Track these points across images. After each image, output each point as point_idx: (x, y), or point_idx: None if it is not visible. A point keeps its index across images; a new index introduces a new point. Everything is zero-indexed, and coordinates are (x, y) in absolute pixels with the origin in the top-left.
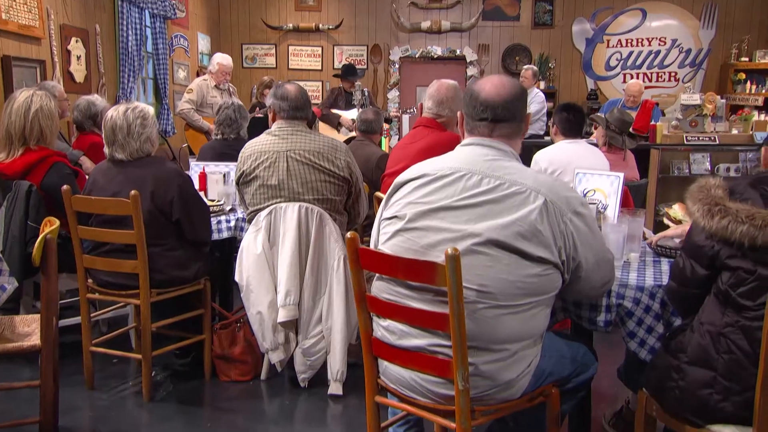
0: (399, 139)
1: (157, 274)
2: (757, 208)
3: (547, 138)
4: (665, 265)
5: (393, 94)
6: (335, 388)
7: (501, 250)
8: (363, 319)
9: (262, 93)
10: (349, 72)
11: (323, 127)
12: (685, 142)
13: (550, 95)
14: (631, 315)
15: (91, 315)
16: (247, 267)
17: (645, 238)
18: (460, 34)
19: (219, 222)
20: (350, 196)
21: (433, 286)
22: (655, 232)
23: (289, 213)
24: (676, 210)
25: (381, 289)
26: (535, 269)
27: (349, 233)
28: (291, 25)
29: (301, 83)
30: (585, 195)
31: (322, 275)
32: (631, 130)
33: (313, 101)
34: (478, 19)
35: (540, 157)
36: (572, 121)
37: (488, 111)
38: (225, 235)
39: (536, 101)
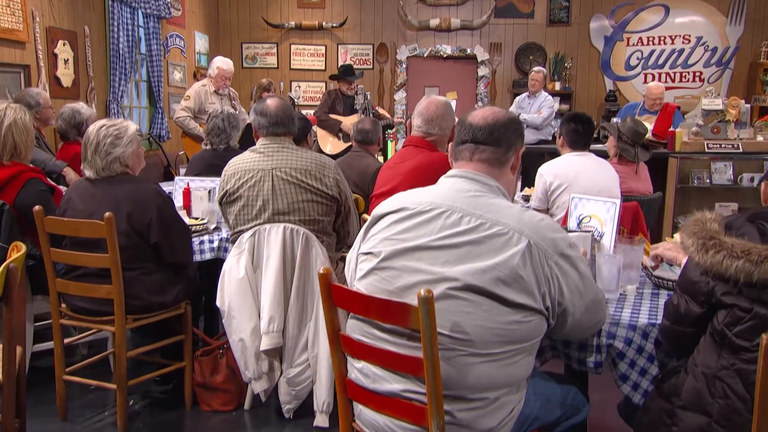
0: None
1: (134, 300)
2: (753, 243)
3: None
4: (664, 297)
5: (400, 96)
6: (321, 419)
7: (479, 295)
8: (337, 359)
9: (260, 96)
10: (347, 72)
11: (322, 134)
12: (706, 149)
13: (565, 96)
14: (622, 356)
15: (66, 341)
16: (229, 291)
17: (645, 267)
18: (471, 32)
19: (201, 242)
20: (339, 215)
21: (407, 329)
22: None
23: (273, 235)
24: (676, 240)
25: (354, 329)
26: (516, 316)
27: (321, 268)
28: (293, 23)
29: (304, 84)
30: (580, 221)
31: (308, 300)
32: (650, 134)
33: (316, 104)
34: (490, 17)
35: (545, 170)
36: (580, 132)
37: (470, 133)
38: (208, 256)
39: (546, 105)
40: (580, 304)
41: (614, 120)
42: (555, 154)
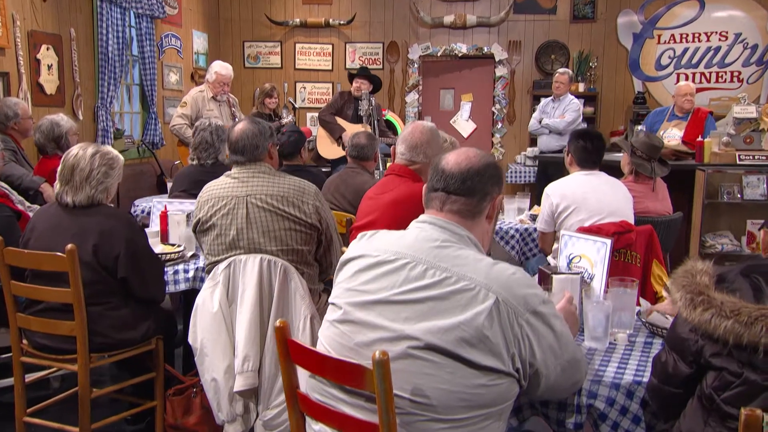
0: None
1: (98, 337)
2: (744, 302)
3: None
4: (657, 347)
5: (412, 98)
6: None
7: (442, 356)
8: (294, 418)
9: (263, 102)
10: (361, 71)
11: (322, 134)
12: (738, 161)
13: (590, 99)
14: (604, 418)
15: (29, 379)
16: (201, 327)
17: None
18: (488, 29)
19: (176, 272)
20: (320, 245)
21: (365, 391)
22: None
23: (249, 266)
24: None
25: (313, 388)
26: (482, 379)
27: (278, 321)
28: (298, 20)
29: (309, 85)
30: (570, 261)
31: None
32: (680, 142)
33: (320, 106)
34: (509, 13)
35: (551, 190)
36: (589, 150)
37: (442, 181)
38: (182, 287)
39: (571, 109)
40: (554, 365)
41: (639, 127)
42: None
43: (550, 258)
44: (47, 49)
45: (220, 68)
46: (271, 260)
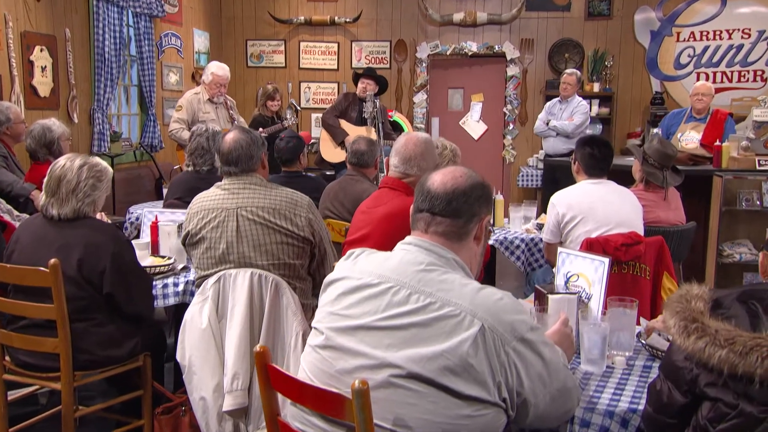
0: None
1: (83, 354)
2: (740, 331)
3: None
4: (657, 371)
5: (420, 98)
6: None
7: (425, 385)
8: None
9: (265, 104)
10: (367, 71)
11: (325, 137)
12: (758, 167)
13: (605, 99)
14: None
15: (12, 396)
16: (190, 344)
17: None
18: (500, 27)
19: (165, 285)
20: (313, 258)
21: (345, 421)
22: (718, 276)
23: (240, 281)
24: None
25: (294, 416)
26: (467, 410)
27: (257, 346)
28: (302, 18)
29: (314, 85)
30: (568, 280)
31: (277, 354)
32: (698, 146)
33: (326, 107)
34: (521, 10)
35: (557, 200)
36: (597, 157)
37: (427, 201)
38: (171, 301)
39: (580, 111)
40: (543, 394)
41: (654, 131)
42: None
43: (556, 271)
44: (41, 50)
45: (217, 69)
46: (262, 275)
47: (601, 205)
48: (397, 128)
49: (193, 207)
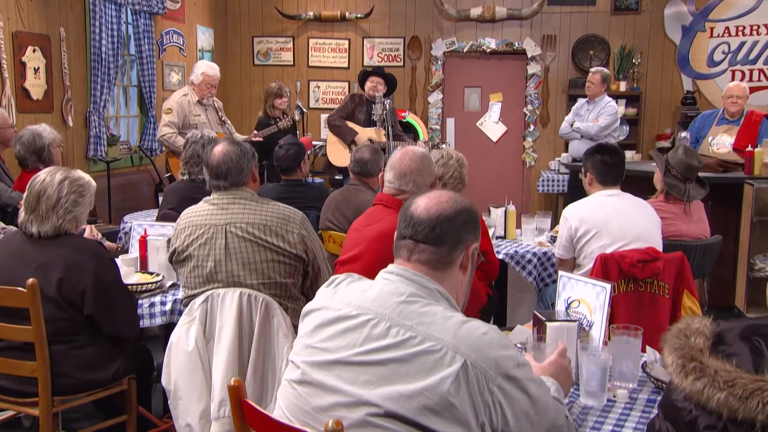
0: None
1: (63, 378)
2: (741, 372)
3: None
4: None
5: (435, 98)
6: None
7: (403, 425)
8: None
9: (273, 105)
10: (375, 69)
11: (332, 140)
12: None
13: (633, 99)
14: None
15: None
16: (176, 367)
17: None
18: (520, 22)
19: (152, 304)
20: (307, 277)
21: None
22: (749, 291)
23: (228, 301)
24: None
25: None
26: None
27: (232, 379)
28: (311, 13)
29: (323, 84)
30: (569, 305)
31: (267, 379)
32: (731, 150)
33: (337, 106)
34: (543, 4)
35: (569, 213)
36: (609, 164)
37: (410, 227)
38: (158, 321)
39: (606, 113)
40: None
41: (682, 134)
42: None
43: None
44: (33, 51)
45: (207, 68)
46: (251, 295)
47: (616, 219)
48: (411, 130)
49: (180, 222)
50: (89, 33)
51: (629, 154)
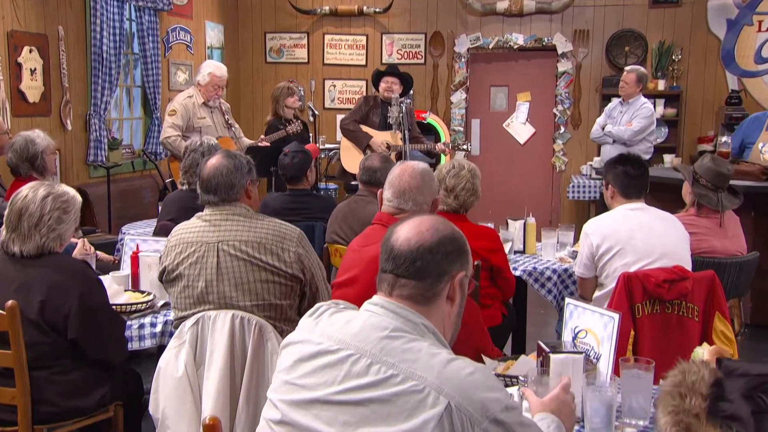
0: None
1: (44, 406)
2: None
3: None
4: None
5: (458, 97)
6: None
7: None
8: None
9: (285, 105)
10: (390, 69)
11: (346, 146)
12: None
13: (673, 98)
14: None
15: None
16: (164, 394)
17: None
18: (550, 16)
19: (141, 326)
20: (304, 298)
21: None
22: None
23: (219, 324)
24: (700, 353)
25: None
26: None
27: (207, 417)
28: (327, 8)
29: (339, 83)
30: (576, 335)
31: (260, 408)
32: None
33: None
34: None
35: (590, 228)
36: (632, 175)
37: (391, 261)
38: (147, 343)
39: (641, 115)
40: None
41: (723, 139)
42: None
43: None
44: (30, 51)
45: (215, 69)
46: (244, 317)
47: (641, 235)
48: (432, 132)
49: (171, 239)
50: (89, 31)
51: (668, 159)
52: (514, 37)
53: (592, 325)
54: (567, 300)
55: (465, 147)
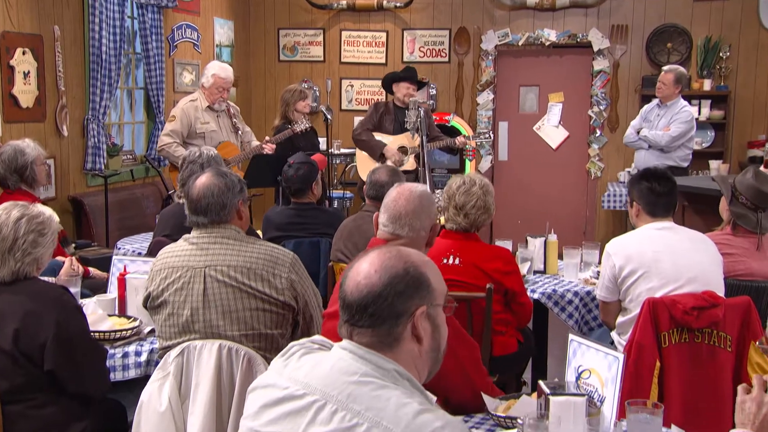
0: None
1: None
2: None
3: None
4: None
5: (485, 98)
6: None
7: None
8: None
9: (296, 109)
10: (408, 73)
11: (362, 157)
12: None
13: (719, 99)
14: None
15: None
16: (147, 429)
17: None
18: (585, 10)
19: (126, 355)
20: (297, 327)
21: None
22: None
23: (206, 355)
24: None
25: None
26: None
27: None
28: (344, 2)
29: (357, 82)
30: (579, 375)
31: None
32: None
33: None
34: None
35: (613, 249)
36: (658, 192)
37: (344, 309)
38: (132, 374)
39: (680, 120)
40: None
41: None
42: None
43: (614, 335)
44: (23, 53)
45: (219, 70)
46: (231, 348)
47: (668, 257)
48: (455, 135)
49: (156, 263)
50: (88, 31)
51: (714, 165)
52: (545, 33)
53: (596, 365)
54: (570, 336)
55: (488, 135)
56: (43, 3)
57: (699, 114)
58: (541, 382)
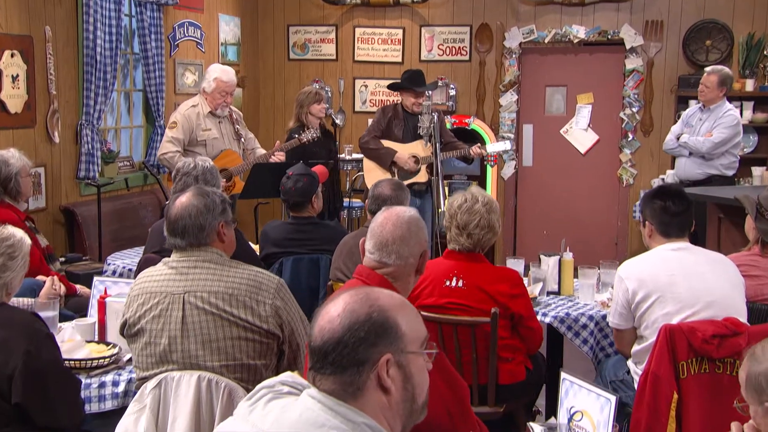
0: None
1: None
2: None
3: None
4: None
5: (508, 99)
6: None
7: None
8: None
9: (309, 112)
10: (413, 80)
11: (369, 167)
12: None
13: (762, 101)
14: None
15: None
16: None
17: None
18: (617, 5)
19: (102, 385)
20: (282, 356)
21: None
22: None
23: (183, 387)
24: None
25: None
26: None
27: None
28: None
29: (372, 82)
30: (571, 417)
31: None
32: None
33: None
34: None
35: (625, 272)
36: (672, 211)
37: (311, 356)
38: (108, 405)
39: (723, 124)
40: None
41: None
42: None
43: (630, 364)
44: (12, 55)
45: (221, 73)
46: (211, 379)
47: (684, 280)
48: (477, 139)
49: (134, 288)
50: (81, 31)
51: (758, 171)
52: (574, 29)
53: (588, 407)
54: (562, 374)
55: (507, 146)
56: (34, 2)
57: (741, 117)
58: (531, 425)
